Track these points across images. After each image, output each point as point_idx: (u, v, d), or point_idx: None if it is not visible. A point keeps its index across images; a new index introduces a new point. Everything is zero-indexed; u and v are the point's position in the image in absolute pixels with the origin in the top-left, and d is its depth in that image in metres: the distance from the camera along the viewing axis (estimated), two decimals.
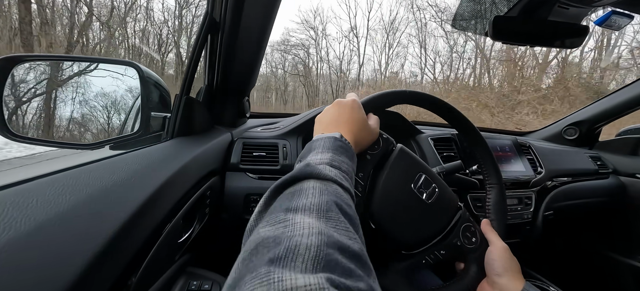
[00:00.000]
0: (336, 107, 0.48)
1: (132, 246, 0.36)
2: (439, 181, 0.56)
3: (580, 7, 0.63)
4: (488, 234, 0.55)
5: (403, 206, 0.52)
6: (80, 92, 0.61)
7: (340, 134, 0.42)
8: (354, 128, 0.46)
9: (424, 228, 0.53)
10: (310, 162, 0.35)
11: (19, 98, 0.55)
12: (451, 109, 0.61)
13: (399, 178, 0.52)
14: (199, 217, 0.60)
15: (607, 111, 1.20)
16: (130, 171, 0.41)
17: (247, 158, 0.79)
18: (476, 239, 0.55)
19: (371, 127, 0.50)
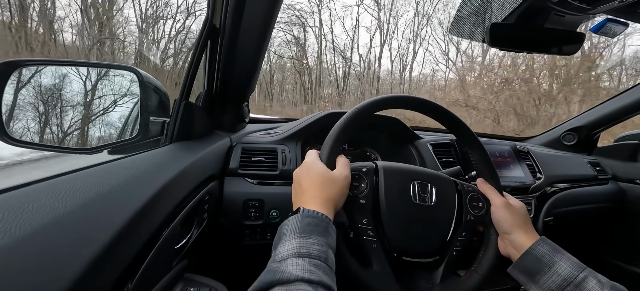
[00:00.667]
0: (297, 177, 0.47)
1: (129, 252, 0.35)
2: (430, 175, 0.56)
3: (576, 15, 0.64)
4: (487, 192, 0.56)
5: (414, 222, 0.52)
6: (79, 96, 0.61)
7: (303, 208, 0.41)
8: (317, 191, 0.43)
9: (439, 228, 0.53)
10: (276, 258, 0.36)
11: (18, 102, 0.55)
12: (439, 108, 0.59)
13: (398, 200, 0.52)
14: (197, 222, 0.60)
15: (605, 117, 1.21)
16: (128, 176, 0.41)
17: (246, 163, 0.79)
18: (482, 204, 0.56)
19: (338, 176, 0.46)
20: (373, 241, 0.49)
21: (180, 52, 10.68)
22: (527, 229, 0.50)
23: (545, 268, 0.44)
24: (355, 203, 0.49)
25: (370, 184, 0.51)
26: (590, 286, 0.41)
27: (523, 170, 1.01)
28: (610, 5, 0.58)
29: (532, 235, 0.49)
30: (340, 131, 0.51)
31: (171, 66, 10.17)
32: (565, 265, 0.43)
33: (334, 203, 0.44)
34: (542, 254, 0.45)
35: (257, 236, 0.77)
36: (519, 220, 0.50)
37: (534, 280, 0.45)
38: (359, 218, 0.49)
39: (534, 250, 0.46)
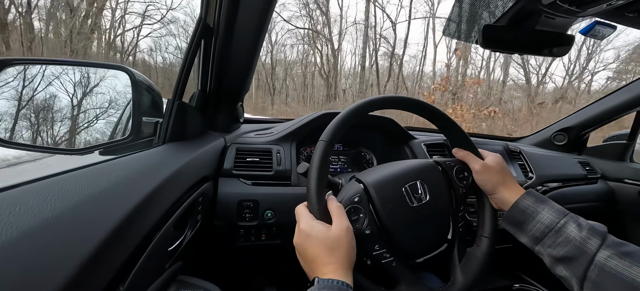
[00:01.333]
0: (299, 247, 0.44)
1: (120, 254, 0.35)
2: (416, 171, 0.56)
3: (566, 18, 0.65)
4: (465, 159, 0.58)
5: (419, 225, 0.52)
6: (70, 96, 0.60)
7: (318, 279, 0.39)
8: (327, 258, 0.40)
9: (441, 217, 0.55)
10: None
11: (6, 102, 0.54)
12: (424, 105, 0.59)
13: (398, 211, 0.51)
14: (190, 224, 0.59)
15: (595, 118, 1.23)
16: (120, 177, 0.41)
17: (241, 164, 0.78)
18: (466, 172, 0.58)
19: (340, 233, 0.42)
20: (391, 260, 0.49)
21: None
22: (509, 185, 0.53)
23: (530, 218, 0.48)
24: (362, 236, 0.48)
25: (368, 211, 0.50)
26: (570, 230, 0.44)
27: (515, 170, 1.03)
28: (599, 8, 0.59)
29: (515, 190, 0.52)
30: (319, 165, 0.47)
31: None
32: (547, 214, 0.47)
33: (348, 262, 0.42)
34: (526, 206, 0.49)
35: (251, 237, 0.76)
36: (499, 179, 0.54)
37: (522, 229, 0.49)
38: (370, 247, 0.49)
39: (518, 203, 0.50)
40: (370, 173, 0.56)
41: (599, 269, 0.40)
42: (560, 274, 0.45)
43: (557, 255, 0.44)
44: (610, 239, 0.42)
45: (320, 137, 0.50)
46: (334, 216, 0.44)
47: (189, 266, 0.62)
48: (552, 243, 0.45)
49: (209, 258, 0.83)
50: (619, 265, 0.39)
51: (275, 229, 0.77)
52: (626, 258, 0.39)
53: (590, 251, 0.42)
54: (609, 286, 0.39)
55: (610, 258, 0.40)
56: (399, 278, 0.49)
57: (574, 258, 0.43)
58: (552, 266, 0.46)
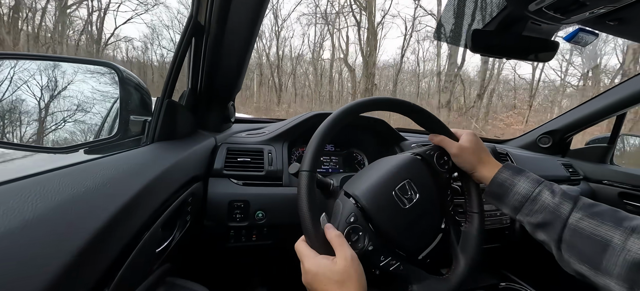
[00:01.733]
0: (309, 287, 0.42)
1: (105, 256, 0.34)
2: (399, 169, 0.56)
3: (551, 24, 0.67)
4: (441, 144, 0.59)
5: (416, 224, 0.53)
6: (54, 93, 0.58)
7: None
8: (335, 290, 0.39)
9: (434, 210, 0.56)
10: None
11: None
12: (411, 106, 0.59)
13: (393, 218, 0.52)
14: (179, 225, 0.58)
15: (578, 121, 1.28)
16: (106, 177, 0.39)
17: (231, 164, 0.78)
18: (445, 156, 0.59)
19: (346, 265, 0.41)
20: (398, 265, 0.50)
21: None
22: (485, 162, 0.56)
23: (508, 190, 0.51)
24: (366, 254, 0.48)
25: (365, 228, 0.49)
26: (545, 197, 0.47)
27: None
28: (582, 16, 0.61)
29: (493, 165, 0.55)
30: (307, 198, 0.45)
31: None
32: (523, 184, 0.50)
33: (360, 289, 0.41)
34: (504, 179, 0.52)
35: (242, 238, 0.76)
36: (475, 158, 0.56)
37: (502, 201, 0.52)
38: (376, 260, 0.49)
39: (496, 177, 0.53)
40: (357, 182, 0.56)
41: (571, 231, 0.43)
42: (540, 239, 0.48)
43: (535, 222, 0.47)
44: (582, 201, 0.45)
45: (301, 168, 0.48)
46: (336, 247, 0.43)
47: (178, 268, 0.61)
48: (530, 211, 0.48)
49: (199, 259, 0.82)
50: (589, 225, 0.41)
51: (266, 229, 0.77)
52: (596, 218, 0.41)
53: (563, 215, 0.44)
54: (581, 246, 0.41)
55: (582, 219, 0.42)
56: (410, 278, 0.50)
57: (550, 223, 0.45)
58: (533, 232, 0.49)
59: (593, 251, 0.40)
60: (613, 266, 0.38)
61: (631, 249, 0.37)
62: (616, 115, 1.18)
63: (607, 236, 0.39)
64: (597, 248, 0.40)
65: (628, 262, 0.36)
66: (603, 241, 0.40)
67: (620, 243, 0.38)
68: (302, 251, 0.44)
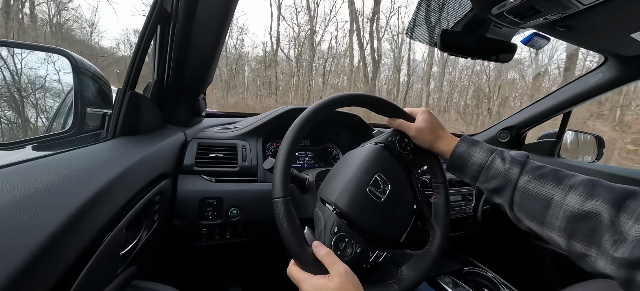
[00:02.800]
0: None
1: (61, 263, 0.31)
2: (369, 164, 0.57)
3: (510, 28, 0.73)
4: (400, 128, 0.62)
5: (393, 213, 0.56)
6: None
7: None
8: None
9: (407, 195, 0.59)
10: None
11: None
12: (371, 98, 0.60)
13: (373, 214, 0.53)
14: (146, 225, 0.55)
15: (532, 118, 1.40)
16: (59, 176, 0.36)
17: (203, 160, 0.75)
18: (406, 139, 0.63)
19: (343, 280, 0.42)
20: (386, 255, 0.52)
21: None
22: (442, 137, 0.60)
23: (465, 162, 0.55)
24: (357, 256, 0.49)
25: (350, 233, 0.50)
26: (497, 164, 0.51)
27: None
28: (537, 22, 0.67)
29: (449, 140, 0.59)
30: (288, 224, 0.45)
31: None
32: (478, 155, 0.54)
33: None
34: (462, 152, 0.55)
35: (215, 236, 0.73)
36: (432, 136, 0.59)
37: (462, 172, 0.56)
38: (366, 259, 0.51)
39: (455, 151, 0.56)
40: (331, 185, 0.56)
41: (521, 192, 0.47)
42: (496, 202, 0.52)
43: (490, 187, 0.51)
44: (529, 165, 0.49)
45: (273, 195, 0.47)
46: (328, 265, 0.43)
47: (145, 270, 0.58)
48: (486, 178, 0.52)
49: (169, 260, 0.78)
50: (535, 186, 0.46)
51: (241, 226, 0.75)
52: (540, 179, 0.46)
53: (513, 179, 0.49)
54: (529, 205, 0.46)
55: (529, 182, 0.47)
56: (398, 263, 0.54)
57: (502, 187, 0.50)
58: (490, 196, 0.53)
59: (538, 208, 0.45)
60: (555, 220, 0.43)
61: (569, 204, 0.42)
62: (563, 113, 1.31)
63: (549, 195, 0.44)
64: (541, 205, 0.44)
65: (567, 215, 0.41)
66: (546, 199, 0.44)
67: (560, 200, 0.43)
68: (296, 276, 0.44)
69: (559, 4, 0.59)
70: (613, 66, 1.00)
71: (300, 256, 0.44)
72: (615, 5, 0.61)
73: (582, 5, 0.59)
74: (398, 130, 0.63)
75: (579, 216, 0.40)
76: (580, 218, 0.40)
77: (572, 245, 0.41)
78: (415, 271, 0.53)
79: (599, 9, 0.61)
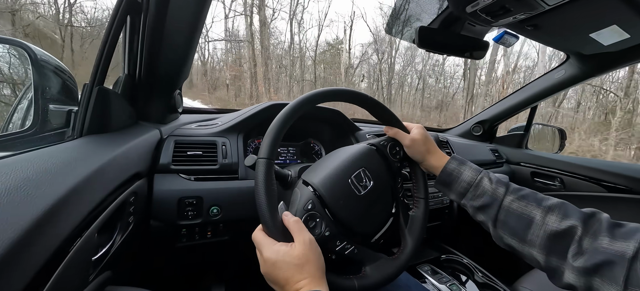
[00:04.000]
0: (269, 276, 0.42)
1: (26, 272, 0.29)
2: (356, 158, 0.59)
3: (483, 25, 0.76)
4: (396, 136, 0.64)
5: (369, 209, 0.56)
6: None
7: None
8: (298, 276, 0.40)
9: (386, 196, 0.59)
10: None
11: None
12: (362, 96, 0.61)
13: (349, 204, 0.54)
14: (120, 228, 0.52)
15: (502, 112, 1.48)
16: (19, 179, 0.33)
17: (181, 158, 0.72)
18: (398, 147, 0.64)
19: (305, 248, 0.42)
20: (352, 249, 0.52)
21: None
22: (434, 152, 0.62)
23: (455, 179, 0.57)
24: (324, 239, 0.49)
25: (322, 214, 0.51)
26: (485, 184, 0.54)
27: None
28: (507, 20, 0.70)
29: (440, 156, 0.61)
30: (265, 187, 0.45)
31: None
32: (468, 173, 0.56)
33: (320, 272, 0.42)
34: (452, 169, 0.58)
35: (196, 236, 0.71)
36: (424, 149, 0.62)
37: (449, 188, 0.58)
38: (333, 245, 0.51)
39: (446, 168, 0.59)
40: (315, 171, 0.57)
41: (505, 211, 0.51)
42: (479, 219, 0.55)
43: (477, 205, 0.54)
44: (512, 187, 0.53)
45: (258, 155, 0.47)
46: (294, 232, 0.44)
47: (120, 275, 0.55)
48: (473, 196, 0.55)
49: (147, 262, 0.75)
50: (519, 206, 0.49)
51: (222, 225, 0.73)
52: (523, 200, 0.50)
53: (499, 198, 0.52)
54: (512, 223, 0.49)
55: (513, 201, 0.50)
56: (363, 261, 0.53)
57: (488, 205, 0.52)
58: (474, 214, 0.56)
59: (521, 226, 0.48)
60: (536, 238, 0.46)
61: (548, 223, 0.45)
62: (530, 107, 1.39)
63: (531, 214, 0.47)
64: (524, 224, 0.48)
65: (547, 233, 0.45)
66: (528, 218, 0.47)
67: (541, 219, 0.46)
68: (260, 240, 0.44)
69: (527, 4, 0.62)
70: (574, 63, 1.07)
71: (268, 221, 0.44)
72: (576, 6, 0.65)
73: (547, 5, 0.62)
74: (391, 137, 0.64)
75: (558, 234, 0.44)
76: (559, 235, 0.44)
77: (549, 260, 0.44)
78: (379, 274, 0.53)
79: (563, 9, 0.65)
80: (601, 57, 0.96)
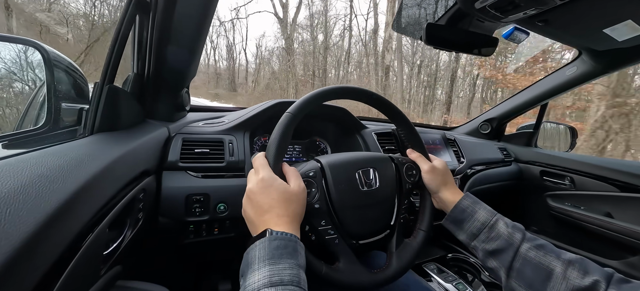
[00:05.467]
0: (253, 195, 0.44)
1: (40, 265, 0.30)
2: (370, 159, 0.59)
3: (492, 22, 0.75)
4: (416, 160, 0.63)
5: (365, 208, 0.55)
6: None
7: (270, 230, 0.39)
8: (283, 210, 0.41)
9: (386, 205, 0.58)
10: (247, 289, 0.34)
11: None
12: (377, 97, 0.62)
13: (348, 192, 0.53)
14: (130, 223, 0.53)
15: (510, 110, 1.46)
16: (34, 175, 0.34)
17: (188, 156, 0.73)
18: (415, 170, 0.63)
19: (297, 190, 0.44)
20: (334, 237, 0.51)
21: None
22: (450, 187, 0.60)
23: (468, 217, 0.54)
24: (311, 209, 0.49)
25: (320, 187, 0.52)
26: (500, 226, 0.51)
27: (450, 155, 1.16)
28: (517, 16, 0.69)
29: (455, 192, 0.59)
30: (283, 133, 0.49)
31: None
32: (482, 213, 0.54)
33: (299, 218, 0.44)
34: (466, 206, 0.55)
35: (203, 233, 0.72)
36: (443, 180, 0.60)
37: (461, 227, 0.55)
38: (317, 222, 0.50)
39: (460, 204, 0.56)
40: (328, 156, 0.59)
41: (522, 259, 0.46)
42: (490, 266, 0.51)
43: (490, 249, 0.50)
44: (528, 235, 0.50)
45: (288, 110, 0.51)
46: (291, 177, 0.46)
47: (131, 270, 0.56)
48: (487, 238, 0.51)
49: (156, 258, 0.77)
50: (537, 255, 0.46)
51: (229, 222, 0.74)
52: (541, 249, 0.46)
53: (515, 244, 0.48)
54: (529, 273, 0.45)
55: (530, 249, 0.47)
56: (339, 255, 0.51)
57: (503, 250, 0.49)
58: (485, 259, 0.52)
59: (539, 279, 0.44)
60: None
61: (570, 278, 0.42)
62: (540, 105, 1.37)
63: (551, 266, 0.44)
64: (542, 276, 0.44)
65: (569, 288, 0.41)
66: (547, 270, 0.44)
67: (561, 273, 0.43)
68: (262, 162, 0.46)
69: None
70: (586, 59, 1.05)
71: (272, 159, 0.47)
72: (589, 1, 0.63)
73: (559, 0, 0.61)
74: (411, 160, 0.64)
75: (582, 290, 0.40)
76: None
77: None
78: (351, 277, 0.50)
79: (575, 4, 0.64)
80: (615, 53, 0.93)
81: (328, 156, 0.58)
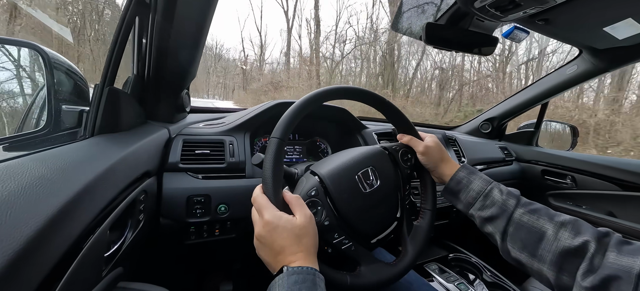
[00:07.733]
0: (264, 240, 0.42)
1: (42, 267, 0.30)
2: (365, 157, 0.59)
3: (492, 21, 0.74)
4: (409, 143, 0.64)
5: (372, 209, 0.55)
6: None
7: (286, 267, 0.38)
8: (295, 247, 0.40)
9: (391, 198, 0.59)
10: None
11: None
12: (373, 95, 0.62)
13: (352, 199, 0.53)
14: (131, 225, 0.53)
15: (511, 109, 1.46)
16: (35, 177, 0.34)
17: (189, 157, 0.73)
18: (410, 154, 0.64)
19: (305, 222, 0.43)
20: (350, 245, 0.51)
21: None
22: (446, 161, 0.62)
23: (464, 187, 0.57)
24: (322, 227, 0.49)
25: (325, 203, 0.51)
26: (495, 194, 0.54)
27: (451, 155, 1.16)
28: (517, 15, 0.68)
29: (452, 165, 0.61)
30: (273, 163, 0.46)
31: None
32: (477, 182, 0.56)
33: (314, 248, 0.43)
34: (461, 178, 0.58)
35: (204, 234, 0.72)
36: (438, 156, 0.62)
37: (458, 197, 0.58)
38: (330, 237, 0.50)
39: (455, 176, 0.58)
40: (324, 164, 0.57)
41: (515, 223, 0.49)
42: (487, 231, 0.54)
43: (485, 215, 0.53)
44: (523, 200, 0.52)
45: (272, 135, 0.49)
46: (294, 206, 0.44)
47: (132, 271, 0.56)
48: (482, 206, 0.54)
49: (157, 259, 0.77)
50: (530, 219, 0.48)
51: (230, 223, 0.74)
52: (534, 214, 0.48)
53: (509, 209, 0.51)
54: (522, 236, 0.48)
55: (524, 215, 0.49)
56: (359, 260, 0.52)
57: (498, 216, 0.51)
58: (482, 225, 0.55)
59: (531, 240, 0.46)
60: (547, 253, 0.44)
61: (561, 239, 0.44)
62: (541, 104, 1.36)
63: (543, 229, 0.46)
64: (534, 238, 0.46)
65: (559, 249, 0.43)
66: (539, 232, 0.46)
67: (553, 234, 0.45)
68: (263, 202, 0.44)
69: None
70: (587, 58, 1.04)
71: (271, 193, 0.45)
72: None
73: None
74: (404, 144, 0.64)
75: (571, 251, 0.42)
76: (571, 252, 0.42)
77: (559, 278, 0.43)
78: (375, 276, 0.51)
79: (575, 3, 0.64)
80: (615, 51, 0.93)
81: (324, 164, 0.57)
